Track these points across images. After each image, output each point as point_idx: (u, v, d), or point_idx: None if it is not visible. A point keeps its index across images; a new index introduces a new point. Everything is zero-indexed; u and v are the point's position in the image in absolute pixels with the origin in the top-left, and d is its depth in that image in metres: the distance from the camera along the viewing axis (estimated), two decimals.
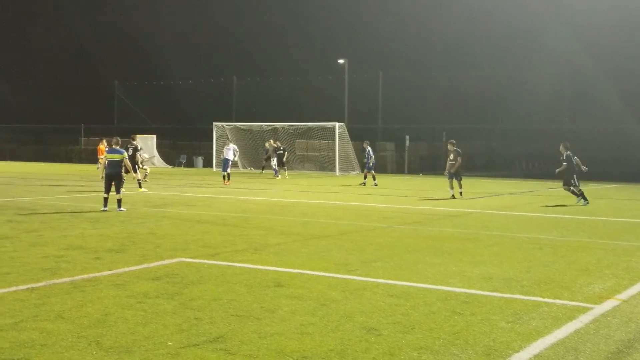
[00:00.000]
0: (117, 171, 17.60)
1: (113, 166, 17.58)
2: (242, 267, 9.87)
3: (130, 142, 25.04)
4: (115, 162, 17.61)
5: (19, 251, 10.96)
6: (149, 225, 14.58)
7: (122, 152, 18.06)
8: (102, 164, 18.22)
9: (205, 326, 6.70)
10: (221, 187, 27.77)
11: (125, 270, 9.47)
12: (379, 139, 48.93)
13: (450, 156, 23.02)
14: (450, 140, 23.75)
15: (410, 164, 46.04)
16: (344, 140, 41.39)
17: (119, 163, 17.67)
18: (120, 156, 17.75)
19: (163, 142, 53.78)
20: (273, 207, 19.46)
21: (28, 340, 6.15)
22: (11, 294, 7.91)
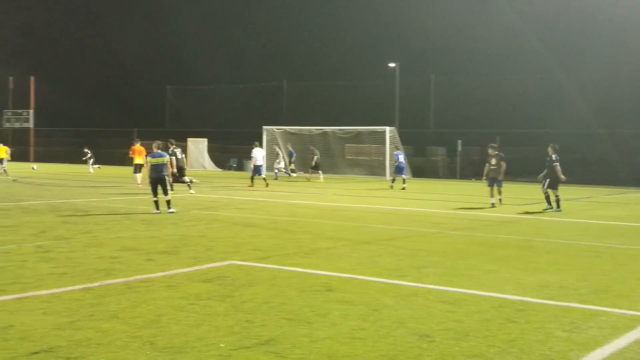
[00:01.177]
0: (162, 175, 17.87)
1: (158, 170, 17.86)
2: (292, 270, 9.87)
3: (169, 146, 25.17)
4: (159, 166, 17.89)
5: (75, 252, 11.16)
6: (200, 228, 14.72)
7: (165, 155, 18.44)
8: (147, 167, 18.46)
9: (257, 329, 6.71)
10: (270, 190, 27.87)
11: (178, 272, 9.56)
12: (430, 144, 48.55)
13: (492, 161, 21.49)
14: (490, 144, 22.54)
15: (462, 169, 45.55)
16: (394, 144, 41.18)
17: (163, 166, 17.96)
18: (163, 159, 18.08)
19: (214, 145, 54.26)
20: (323, 211, 19.45)
21: (84, 339, 6.24)
22: (68, 294, 8.05)
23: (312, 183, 34.80)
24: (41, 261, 10.18)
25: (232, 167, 52.40)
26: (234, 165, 52.55)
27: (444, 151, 47.76)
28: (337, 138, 44.36)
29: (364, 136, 43.50)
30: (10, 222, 14.95)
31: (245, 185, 30.37)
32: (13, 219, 15.71)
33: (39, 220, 15.45)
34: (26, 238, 12.61)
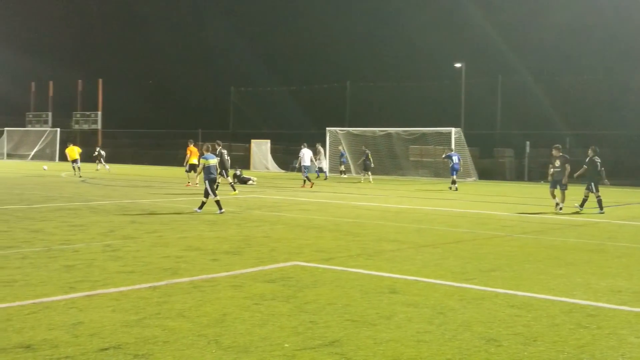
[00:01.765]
0: (213, 176, 18.37)
1: (210, 171, 18.26)
2: (356, 272, 9.81)
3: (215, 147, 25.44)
4: (211, 168, 18.32)
5: (142, 251, 11.35)
6: (264, 229, 14.79)
7: (214, 157, 19.08)
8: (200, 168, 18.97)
9: (321, 330, 6.68)
10: (334, 192, 27.87)
11: (242, 272, 9.61)
12: (496, 145, 47.77)
13: (556, 162, 20.54)
14: (555, 145, 21.43)
15: (530, 171, 44.62)
16: (460, 146, 40.69)
17: (214, 168, 18.44)
18: (214, 161, 18.64)
19: (277, 147, 54.65)
20: (386, 213, 19.33)
21: (151, 336, 6.32)
22: (135, 292, 8.18)
23: (363, 184, 34.65)
24: (109, 260, 10.38)
25: (295, 168, 52.62)
26: (297, 166, 52.75)
27: (511, 153, 46.89)
28: (401, 139, 44.09)
29: (429, 137, 43.11)
30: (79, 222, 15.32)
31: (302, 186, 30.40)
32: (82, 218, 16.09)
33: (107, 220, 15.78)
34: (95, 237, 12.89)
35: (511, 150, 46.99)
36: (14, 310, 7.14)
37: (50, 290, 8.17)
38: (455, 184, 31.26)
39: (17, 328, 6.45)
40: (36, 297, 7.76)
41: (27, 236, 12.75)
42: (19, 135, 68.61)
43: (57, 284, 8.53)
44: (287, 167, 52.70)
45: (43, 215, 16.57)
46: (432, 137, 42.73)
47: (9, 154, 66.70)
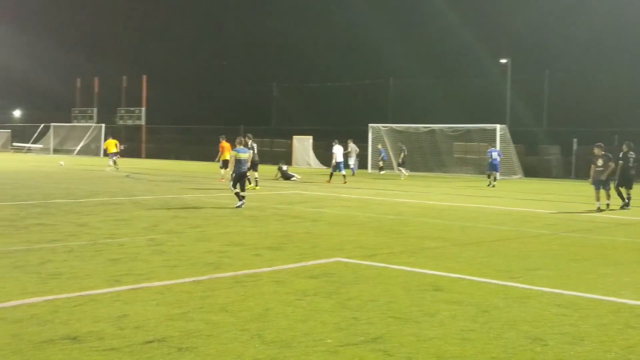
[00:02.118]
0: (244, 170, 18.68)
1: (242, 164, 18.56)
2: (399, 269, 9.75)
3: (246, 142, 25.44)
4: (243, 161, 18.63)
5: (185, 245, 11.45)
6: (306, 225, 14.80)
7: (247, 151, 19.43)
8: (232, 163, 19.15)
9: (363, 326, 6.64)
10: (376, 189, 27.77)
11: (284, 268, 9.62)
12: (542, 142, 47.04)
13: (599, 162, 19.85)
14: (597, 144, 20.71)
15: (577, 169, 43.81)
16: (505, 142, 40.16)
17: (245, 162, 18.75)
18: (246, 155, 18.94)
19: (319, 143, 54.66)
20: (429, 210, 19.18)
21: (195, 330, 6.36)
22: (179, 286, 8.25)
23: (401, 180, 34.46)
24: (153, 254, 10.48)
25: None
26: (334, 163, 52.68)
27: (558, 150, 46.09)
28: (445, 136, 43.70)
29: (473, 134, 42.61)
30: (124, 216, 15.51)
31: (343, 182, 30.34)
32: (127, 212, 16.29)
33: (151, 215, 15.95)
34: (139, 231, 13.04)
35: (558, 147, 46.18)
36: (60, 302, 7.26)
37: (96, 283, 8.28)
38: (495, 180, 31.52)
39: (63, 320, 6.55)
40: (82, 289, 7.87)
41: (73, 230, 12.96)
42: (65, 130, 69.83)
43: (102, 277, 8.65)
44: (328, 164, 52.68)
45: (89, 209, 16.83)
46: (477, 133, 42.22)
47: (55, 149, 67.95)
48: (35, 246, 10.88)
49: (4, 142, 74.26)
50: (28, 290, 7.74)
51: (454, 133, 43.73)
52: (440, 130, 43.71)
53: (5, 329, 6.19)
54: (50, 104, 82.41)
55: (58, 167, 39.59)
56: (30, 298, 7.38)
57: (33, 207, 16.80)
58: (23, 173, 32.63)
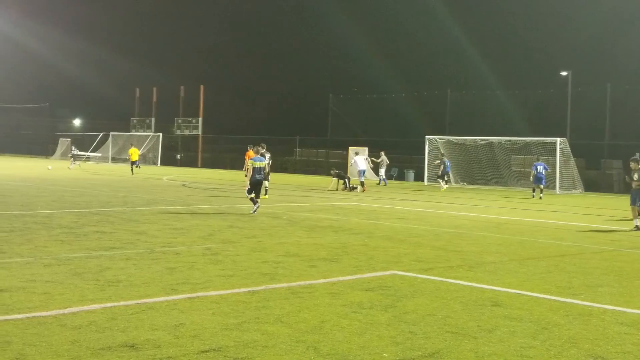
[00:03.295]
0: (260, 178, 19.34)
1: (258, 172, 19.17)
2: (456, 283, 9.58)
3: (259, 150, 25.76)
4: (259, 169, 19.21)
5: (241, 255, 11.47)
6: (362, 237, 14.70)
7: (264, 159, 20.17)
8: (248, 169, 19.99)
9: (420, 340, 6.53)
10: (433, 201, 27.50)
11: (340, 280, 9.54)
12: (604, 156, 45.96)
13: (635, 176, 18.30)
14: (633, 158, 19.07)
15: None
16: (565, 156, 39.36)
17: (262, 170, 19.35)
18: (262, 163, 19.60)
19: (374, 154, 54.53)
20: (487, 224, 18.87)
21: (250, 340, 6.33)
22: (234, 296, 8.25)
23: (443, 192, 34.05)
24: (209, 263, 10.53)
25: (392, 176, 52.35)
26: (395, 174, 52.47)
27: (620, 164, 44.96)
28: (503, 149, 43.06)
29: (532, 147, 41.85)
30: (180, 225, 15.66)
31: (363, 190, 30.19)
32: (183, 221, 16.45)
33: (207, 224, 16.07)
34: (195, 240, 13.13)
35: (619, 161, 45.06)
36: (118, 309, 7.32)
37: (153, 291, 8.34)
38: (541, 192, 32.65)
39: (121, 327, 6.60)
40: (140, 297, 7.94)
41: (131, 238, 13.13)
42: (123, 139, 71.25)
43: (159, 285, 8.71)
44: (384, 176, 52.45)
45: (146, 217, 17.05)
46: (536, 147, 41.45)
47: (113, 158, 69.38)
48: (93, 253, 11.05)
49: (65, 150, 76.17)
50: (87, 297, 7.83)
51: (513, 146, 43.03)
52: (498, 143, 43.10)
53: (65, 335, 6.27)
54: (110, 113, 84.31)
55: (116, 176, 40.32)
56: (88, 305, 7.46)
57: (92, 215, 17.11)
58: (81, 181, 33.34)
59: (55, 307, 7.32)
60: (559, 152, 38.90)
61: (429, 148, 44.91)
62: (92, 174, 42.22)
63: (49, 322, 6.71)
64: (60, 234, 13.31)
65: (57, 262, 10.06)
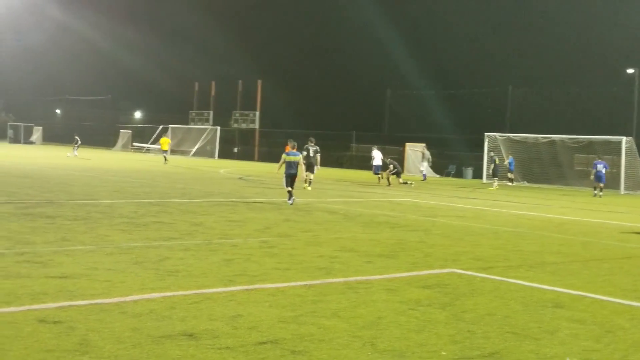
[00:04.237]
0: (294, 172, 20.07)
1: (292, 166, 19.98)
2: (516, 283, 9.39)
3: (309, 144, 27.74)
4: (293, 163, 20.01)
5: (297, 249, 11.48)
6: (419, 234, 14.57)
7: (298, 154, 20.59)
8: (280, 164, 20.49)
9: (479, 340, 6.41)
10: (492, 199, 27.12)
11: (396, 276, 9.47)
12: None
13: None
14: None
15: None
16: (631, 156, 38.33)
17: (296, 164, 20.11)
18: (297, 158, 20.24)
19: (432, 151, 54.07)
20: (548, 224, 18.49)
21: (307, 334, 6.32)
22: (291, 289, 8.25)
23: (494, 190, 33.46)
24: (266, 256, 10.56)
25: (450, 173, 51.88)
26: (453, 171, 51.98)
27: None
28: (565, 147, 42.17)
29: (596, 146, 40.84)
30: (237, 217, 15.77)
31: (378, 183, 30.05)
32: (240, 214, 16.56)
33: (263, 217, 16.14)
34: (252, 233, 13.20)
35: None
36: (177, 299, 7.40)
37: (211, 282, 8.41)
38: (601, 192, 33.08)
39: (180, 316, 6.66)
40: (198, 287, 8.01)
41: (189, 229, 13.28)
42: (182, 132, 72.25)
43: (217, 276, 8.77)
44: (442, 172, 52.00)
45: (203, 209, 17.24)
46: (600, 145, 40.43)
47: (172, 150, 70.44)
48: (153, 243, 11.21)
49: (125, 141, 77.69)
50: (147, 286, 7.94)
51: (576, 144, 42.12)
52: (560, 141, 42.22)
53: (126, 323, 6.36)
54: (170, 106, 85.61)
55: (174, 168, 40.90)
56: (149, 293, 7.56)
57: (151, 206, 17.38)
58: (142, 172, 33.93)
59: (117, 294, 7.45)
60: (624, 151, 37.90)
61: (488, 145, 44.28)
62: (151, 165, 42.92)
63: (111, 309, 6.83)
64: (121, 223, 13.55)
65: (119, 251, 10.24)
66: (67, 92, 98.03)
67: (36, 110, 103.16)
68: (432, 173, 51.40)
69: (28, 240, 10.84)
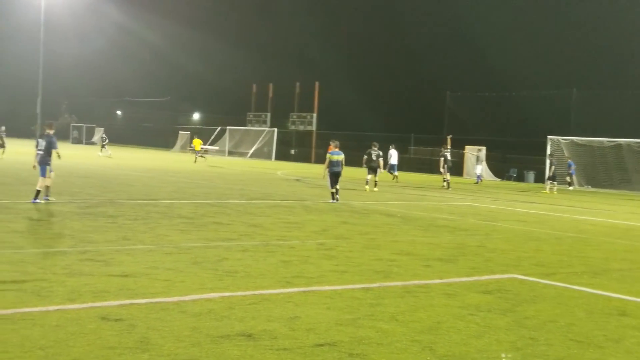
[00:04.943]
0: (338, 170, 21.01)
1: (335, 165, 20.99)
2: (580, 290, 9.15)
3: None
4: (336, 162, 20.98)
5: (354, 252, 11.42)
6: (479, 238, 14.34)
7: (341, 153, 21.36)
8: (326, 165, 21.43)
9: (542, 347, 6.27)
10: (555, 204, 26.55)
11: (456, 281, 9.33)
12: None
13: None
14: None
15: None
16: None
17: (339, 163, 21.04)
18: (339, 157, 21.20)
19: (492, 154, 53.31)
20: (614, 229, 17.99)
21: (365, 337, 6.26)
22: (348, 292, 8.20)
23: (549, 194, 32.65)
24: (323, 258, 10.54)
25: (511, 177, 51.02)
26: (514, 175, 51.11)
27: None
28: (632, 151, 40.98)
29: None
30: (294, 219, 15.80)
31: None
32: (297, 216, 16.59)
33: (320, 219, 16.13)
34: (309, 235, 13.20)
35: None
36: (236, 299, 7.43)
37: (269, 283, 8.42)
38: None
39: (239, 317, 6.69)
40: (256, 288, 8.03)
41: (247, 230, 13.35)
42: (239, 134, 72.85)
43: (274, 277, 8.78)
44: (502, 176, 51.19)
45: (261, 210, 17.32)
46: None
47: (230, 152, 71.11)
48: (212, 244, 11.30)
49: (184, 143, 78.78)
50: (206, 286, 8.00)
51: None
52: (627, 145, 41.05)
53: (186, 322, 6.41)
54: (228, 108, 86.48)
55: (232, 169, 41.28)
56: (207, 293, 7.62)
57: (210, 206, 17.55)
58: (200, 173, 34.34)
59: (176, 293, 7.52)
60: None
61: (551, 149, 43.37)
62: (210, 166, 43.42)
63: (171, 308, 6.90)
64: (180, 223, 13.71)
65: (178, 251, 10.36)
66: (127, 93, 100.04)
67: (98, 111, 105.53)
68: (492, 176, 50.66)
69: (90, 239, 11.06)
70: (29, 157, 25.55)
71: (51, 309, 6.61)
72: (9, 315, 6.32)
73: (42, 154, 16.50)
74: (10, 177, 23.36)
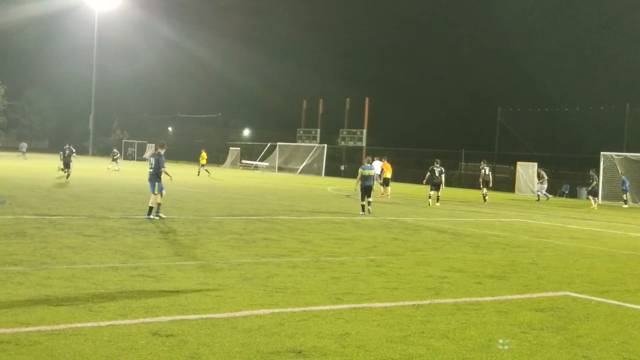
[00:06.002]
0: (369, 184, 21.82)
1: (367, 180, 21.77)
2: (634, 308, 8.97)
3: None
4: (368, 177, 21.81)
5: (405, 268, 11.38)
6: (531, 255, 14.15)
7: (373, 168, 22.38)
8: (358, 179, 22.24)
9: None
10: (609, 221, 26.02)
11: (507, 298, 9.22)
12: None
13: None
14: None
15: None
16: None
17: (371, 178, 21.89)
18: (371, 172, 22.13)
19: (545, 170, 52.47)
20: None
21: (416, 354, 6.24)
22: (399, 309, 8.18)
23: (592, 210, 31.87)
24: (374, 275, 10.53)
25: (564, 193, 50.19)
26: (566, 191, 50.26)
27: None
28: None
29: None
30: (344, 235, 15.81)
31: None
32: (347, 232, 16.59)
33: (371, 236, 16.11)
34: (359, 251, 13.20)
35: None
36: (286, 315, 7.48)
37: (319, 299, 8.45)
38: None
39: (289, 333, 6.73)
40: (306, 305, 8.07)
41: (297, 246, 13.42)
42: (289, 150, 73.25)
43: (324, 294, 8.81)
44: (555, 192, 50.37)
45: (311, 227, 17.38)
46: None
47: (279, 167, 71.49)
48: (262, 260, 11.39)
49: (234, 159, 79.56)
50: (256, 302, 8.07)
51: None
52: None
53: (236, 338, 6.48)
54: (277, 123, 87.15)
55: (282, 185, 41.50)
56: (258, 309, 7.68)
57: (260, 222, 17.68)
58: (250, 189, 34.61)
59: (227, 309, 7.61)
60: None
61: (604, 165, 42.53)
62: (260, 182, 43.75)
63: (221, 324, 6.98)
64: (230, 239, 13.85)
65: (228, 267, 10.47)
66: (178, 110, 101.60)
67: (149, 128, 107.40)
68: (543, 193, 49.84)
69: (142, 254, 11.25)
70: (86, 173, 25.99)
71: (103, 324, 6.73)
72: (62, 331, 6.45)
73: (152, 172, 17.40)
74: (84, 192, 23.89)
